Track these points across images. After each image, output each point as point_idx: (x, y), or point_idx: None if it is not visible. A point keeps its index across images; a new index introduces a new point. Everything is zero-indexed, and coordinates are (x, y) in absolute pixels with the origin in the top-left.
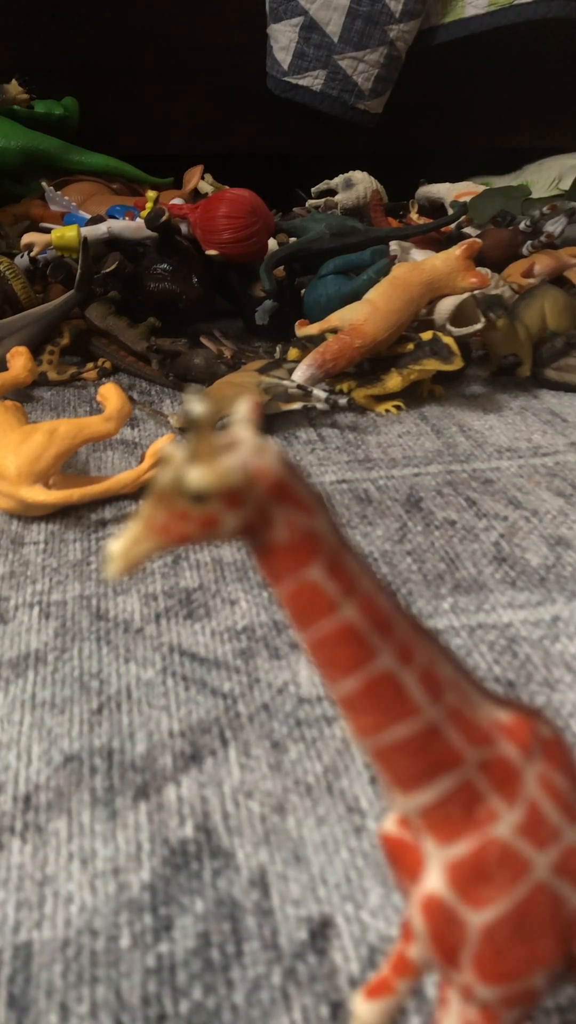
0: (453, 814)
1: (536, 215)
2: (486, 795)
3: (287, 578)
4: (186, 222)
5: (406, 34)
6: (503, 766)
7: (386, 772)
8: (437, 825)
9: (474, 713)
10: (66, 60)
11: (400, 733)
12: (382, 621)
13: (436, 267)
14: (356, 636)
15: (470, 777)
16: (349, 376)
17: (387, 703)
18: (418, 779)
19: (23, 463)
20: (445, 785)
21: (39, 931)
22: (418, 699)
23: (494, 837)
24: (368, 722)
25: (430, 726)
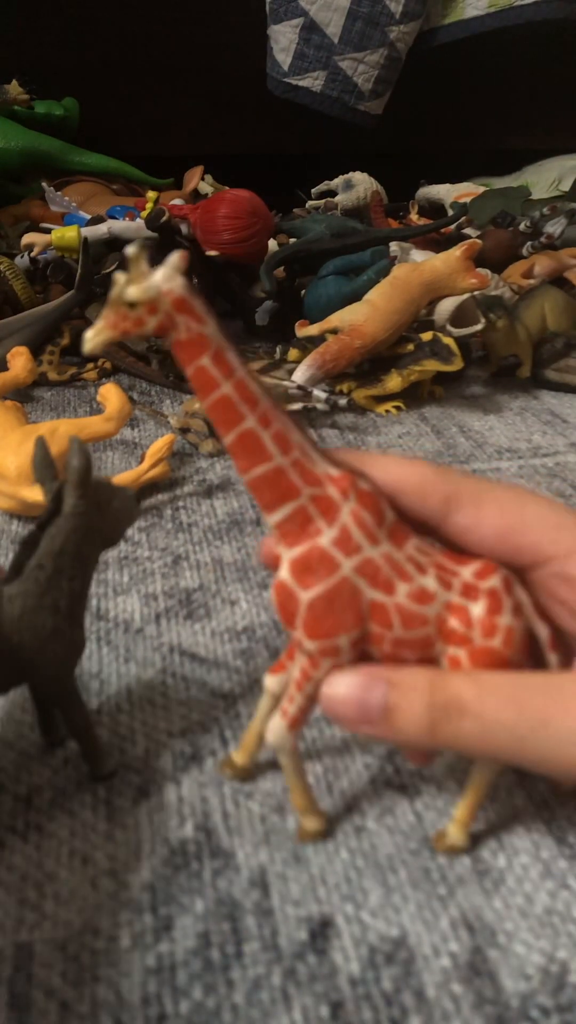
0: (294, 528)
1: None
2: (315, 518)
3: (188, 364)
4: (186, 223)
5: (406, 35)
6: (327, 501)
7: (257, 500)
8: (285, 536)
9: (311, 466)
10: (66, 60)
11: (260, 471)
12: (249, 398)
13: (436, 268)
14: (232, 405)
15: (304, 505)
16: (349, 377)
17: (250, 452)
18: (273, 504)
19: (23, 463)
20: (289, 509)
21: (39, 931)
22: (271, 450)
23: (317, 544)
24: (242, 464)
25: (278, 468)
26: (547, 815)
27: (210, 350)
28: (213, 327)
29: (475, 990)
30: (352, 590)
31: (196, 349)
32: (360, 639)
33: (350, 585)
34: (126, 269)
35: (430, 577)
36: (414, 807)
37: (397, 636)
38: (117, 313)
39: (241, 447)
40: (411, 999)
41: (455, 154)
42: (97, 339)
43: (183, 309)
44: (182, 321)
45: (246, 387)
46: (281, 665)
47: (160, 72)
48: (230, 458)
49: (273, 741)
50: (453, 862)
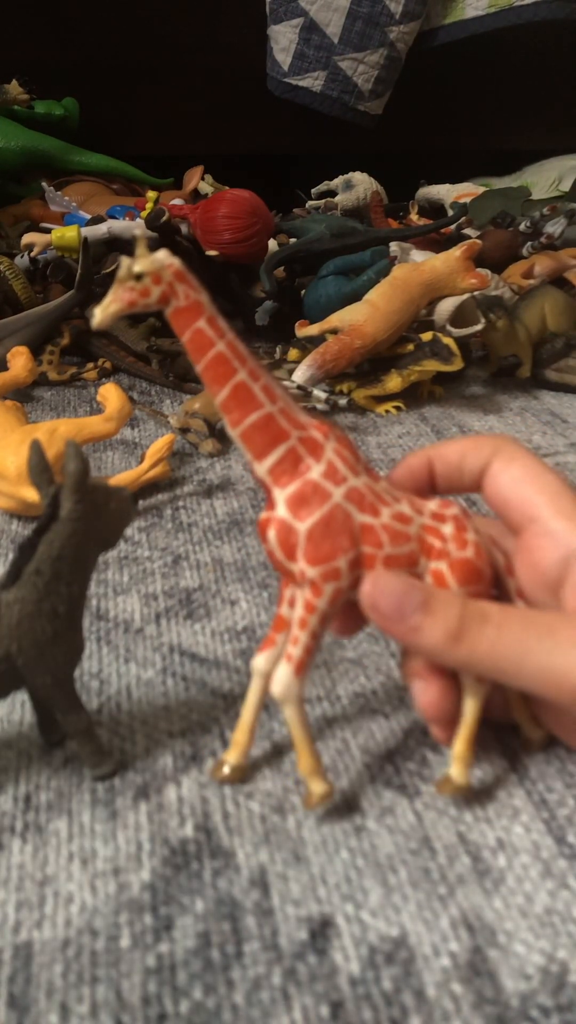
0: (286, 468)
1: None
2: (304, 457)
3: (187, 329)
4: (186, 223)
5: (406, 35)
6: (312, 442)
7: (248, 449)
8: (278, 477)
9: (295, 413)
10: (66, 60)
11: (252, 419)
12: (239, 355)
13: (436, 268)
14: (225, 360)
15: (294, 446)
16: (349, 377)
17: (243, 402)
18: (265, 449)
19: (23, 463)
20: (280, 452)
21: (39, 931)
22: (261, 399)
23: (309, 479)
24: (235, 417)
25: (269, 414)
26: (547, 815)
27: (205, 314)
28: (205, 296)
29: (475, 990)
30: (344, 514)
31: (194, 314)
32: (355, 560)
33: (342, 510)
34: (130, 254)
35: (404, 504)
36: (414, 807)
37: (388, 553)
38: (124, 287)
39: (235, 399)
40: (411, 999)
41: (455, 154)
42: (107, 311)
43: (182, 279)
44: (182, 289)
45: (236, 346)
46: (269, 641)
47: (160, 72)
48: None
49: (279, 692)
50: (453, 862)
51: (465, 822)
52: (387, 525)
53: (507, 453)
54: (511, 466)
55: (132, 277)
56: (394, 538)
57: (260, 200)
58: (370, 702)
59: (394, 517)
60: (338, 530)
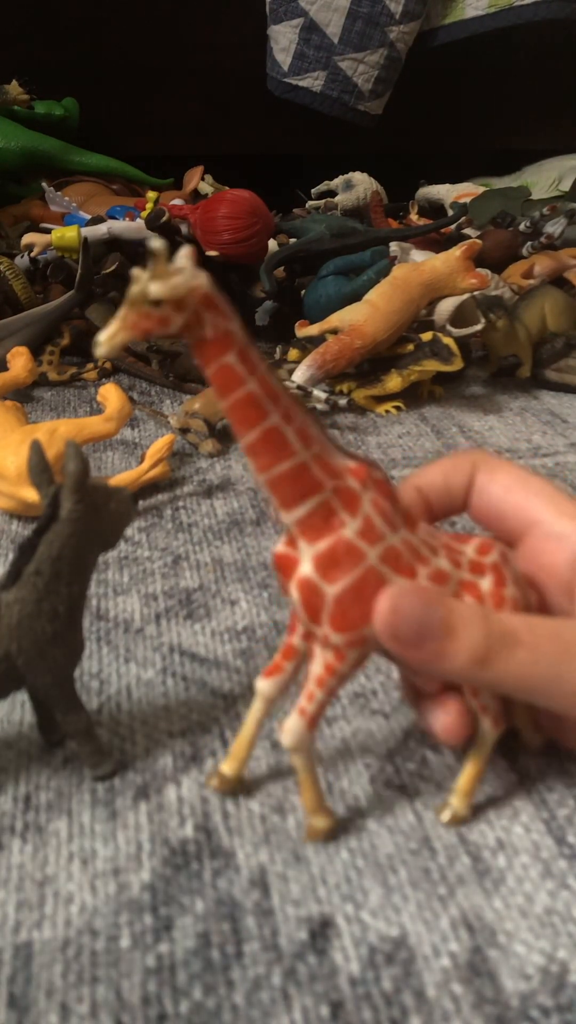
0: (317, 523)
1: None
2: (338, 511)
3: (212, 363)
4: (186, 223)
5: (406, 35)
6: (349, 493)
7: (276, 497)
8: (307, 531)
9: (331, 458)
10: (66, 60)
11: (283, 468)
12: (273, 394)
13: (436, 268)
14: (256, 402)
15: (328, 499)
16: (349, 377)
17: (275, 448)
18: (295, 500)
19: (23, 463)
20: (312, 504)
21: (39, 931)
22: (295, 446)
23: (342, 537)
24: (263, 462)
25: (302, 464)
26: (547, 815)
27: (236, 347)
28: (237, 323)
29: (475, 990)
30: (378, 579)
31: (222, 347)
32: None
33: (376, 574)
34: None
35: (443, 558)
36: (414, 807)
37: None
38: (138, 312)
39: (264, 445)
40: (411, 999)
41: (455, 154)
42: (114, 341)
43: (210, 306)
44: (209, 319)
45: (269, 383)
46: (276, 667)
47: (160, 72)
48: (244, 458)
49: (290, 742)
50: (453, 862)
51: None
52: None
53: (488, 465)
54: (496, 476)
55: (148, 302)
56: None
57: (260, 200)
58: (370, 702)
59: (431, 578)
60: (370, 596)
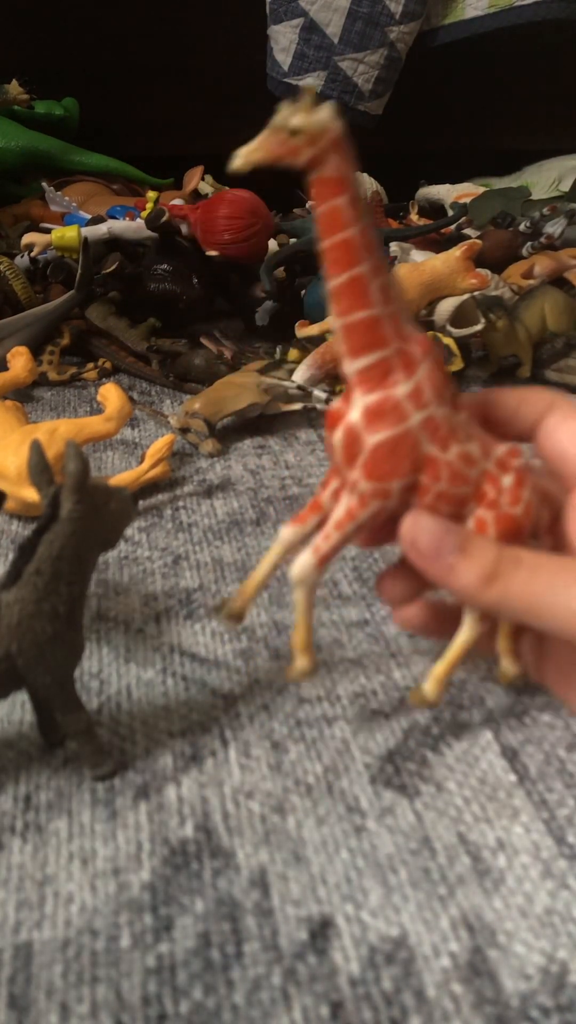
0: (375, 376)
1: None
2: (396, 370)
3: (325, 202)
4: (186, 223)
5: (406, 35)
6: (409, 357)
7: (346, 343)
8: (364, 382)
9: (403, 320)
10: (66, 60)
11: (360, 316)
12: (369, 244)
13: (436, 268)
14: (353, 247)
15: (390, 357)
16: None
17: (358, 295)
18: (362, 350)
19: (23, 463)
20: (375, 357)
21: (39, 931)
22: (375, 299)
23: (393, 395)
24: (344, 306)
25: (377, 317)
26: (547, 815)
27: (349, 192)
28: (355, 173)
29: (475, 990)
30: (414, 441)
31: (337, 188)
32: (409, 487)
33: (413, 436)
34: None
35: (475, 444)
36: (414, 807)
37: (441, 490)
38: (276, 137)
39: (349, 290)
40: (411, 999)
41: (455, 154)
42: (250, 157)
43: (338, 149)
44: (334, 160)
45: (368, 235)
46: (302, 518)
47: (160, 72)
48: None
49: (297, 574)
50: (453, 862)
51: (465, 822)
52: (451, 463)
53: (564, 410)
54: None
55: (287, 130)
56: (453, 477)
57: (260, 200)
58: (370, 702)
59: (460, 456)
60: (403, 455)
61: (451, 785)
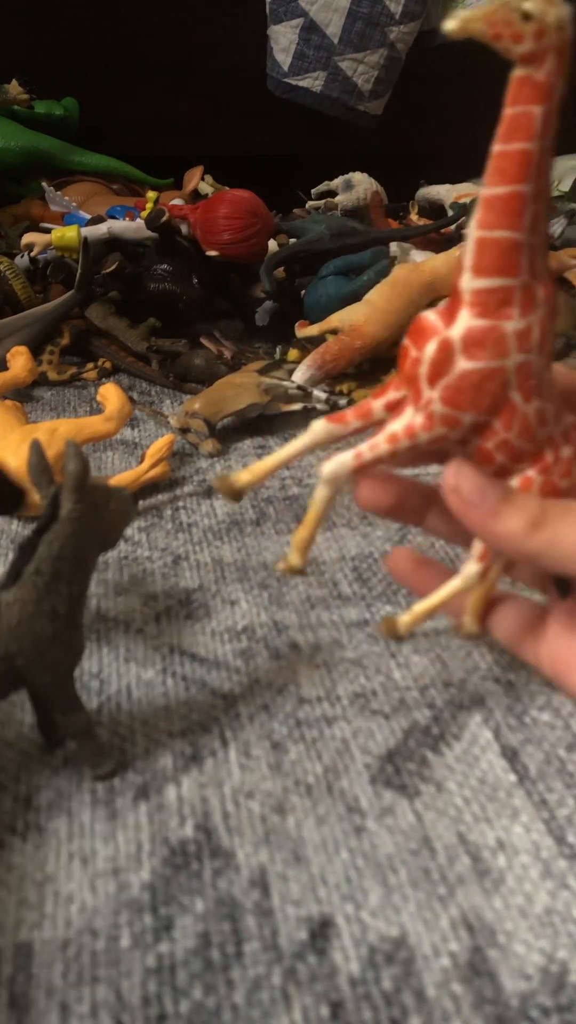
0: (492, 302)
1: None
2: (514, 304)
3: (519, 104)
4: (186, 223)
5: (406, 36)
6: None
7: (476, 257)
8: (479, 305)
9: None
10: (66, 60)
11: (503, 235)
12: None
13: (436, 268)
14: (527, 162)
15: (514, 287)
16: (349, 377)
17: (510, 213)
18: (491, 270)
19: (23, 463)
20: (500, 282)
21: (39, 931)
22: (527, 223)
23: (503, 327)
24: (491, 219)
25: (520, 243)
26: (547, 815)
27: (550, 104)
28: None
29: (475, 990)
30: (504, 381)
31: (540, 96)
32: (479, 425)
33: (504, 376)
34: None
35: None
36: (414, 807)
37: (506, 438)
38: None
39: (505, 204)
40: (411, 999)
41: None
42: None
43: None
44: (552, 63)
45: (546, 160)
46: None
47: (160, 72)
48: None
49: (329, 471)
50: (453, 862)
51: (465, 822)
52: (526, 415)
53: None
54: None
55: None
56: (523, 431)
57: (260, 200)
58: (370, 702)
59: (537, 412)
60: (488, 391)
61: (451, 785)
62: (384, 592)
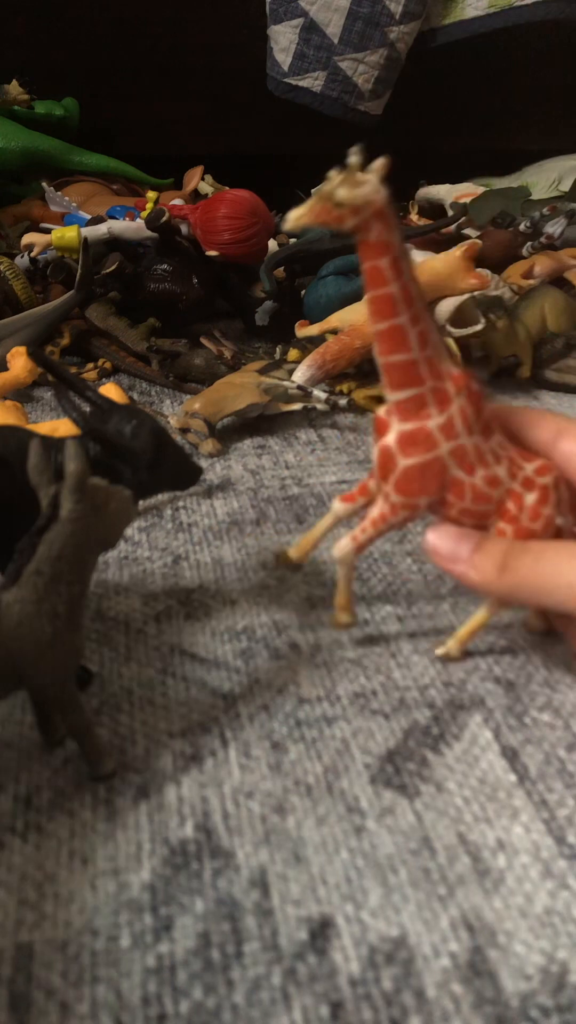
0: (411, 408)
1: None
2: (429, 405)
3: (368, 261)
4: (186, 223)
5: (406, 35)
6: (443, 394)
7: (386, 378)
8: (401, 412)
9: (440, 362)
10: (66, 60)
11: (397, 358)
12: (409, 299)
13: (436, 268)
14: (392, 302)
15: (424, 393)
16: (349, 377)
17: (395, 341)
18: (399, 385)
19: None
20: (411, 392)
21: (39, 931)
22: (412, 344)
23: (425, 427)
24: (385, 349)
25: (414, 360)
26: (547, 815)
27: (391, 255)
28: (399, 235)
29: (475, 990)
30: (442, 467)
31: (380, 251)
32: (436, 503)
33: (441, 463)
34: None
35: (502, 467)
36: (414, 807)
37: (465, 507)
38: (323, 206)
39: (389, 336)
40: (411, 999)
41: (455, 154)
42: (299, 221)
43: (381, 218)
44: (377, 227)
45: (408, 290)
46: (352, 497)
47: (160, 72)
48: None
49: (339, 555)
50: (453, 862)
51: (465, 822)
52: (475, 485)
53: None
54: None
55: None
56: (476, 497)
57: (260, 200)
58: (370, 702)
59: (485, 479)
60: (431, 477)
61: (451, 785)
62: (384, 592)
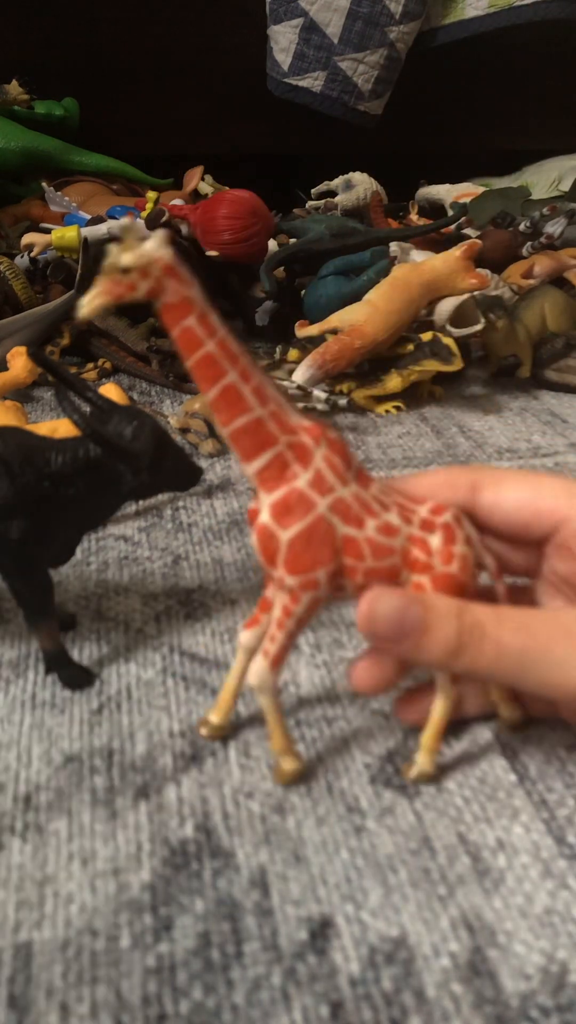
0: (273, 474)
1: (536, 216)
2: (291, 464)
3: (175, 326)
4: (186, 223)
5: (406, 35)
6: (302, 448)
7: (237, 450)
8: (265, 482)
9: (287, 416)
10: (66, 60)
11: (241, 422)
12: (231, 355)
13: (436, 268)
14: (214, 361)
15: (282, 452)
16: (349, 377)
17: (233, 403)
18: (253, 452)
19: None
20: (268, 456)
21: (39, 931)
22: (251, 402)
23: (295, 487)
24: (224, 417)
25: (258, 419)
26: (547, 815)
27: (195, 312)
28: (197, 292)
29: (475, 990)
30: (327, 527)
31: (183, 311)
32: (336, 572)
33: (325, 522)
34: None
35: (393, 513)
36: (414, 807)
37: (369, 566)
38: (112, 279)
39: (224, 400)
40: (411, 999)
41: (455, 154)
42: (92, 304)
43: (172, 274)
44: (170, 285)
45: (227, 346)
46: (255, 620)
47: (160, 72)
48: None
49: (255, 682)
50: (453, 862)
51: (465, 822)
52: (370, 538)
53: (490, 478)
54: (504, 487)
55: (118, 270)
56: (376, 551)
57: (260, 200)
58: (370, 702)
59: (379, 529)
60: (320, 542)
61: (451, 785)
62: None
